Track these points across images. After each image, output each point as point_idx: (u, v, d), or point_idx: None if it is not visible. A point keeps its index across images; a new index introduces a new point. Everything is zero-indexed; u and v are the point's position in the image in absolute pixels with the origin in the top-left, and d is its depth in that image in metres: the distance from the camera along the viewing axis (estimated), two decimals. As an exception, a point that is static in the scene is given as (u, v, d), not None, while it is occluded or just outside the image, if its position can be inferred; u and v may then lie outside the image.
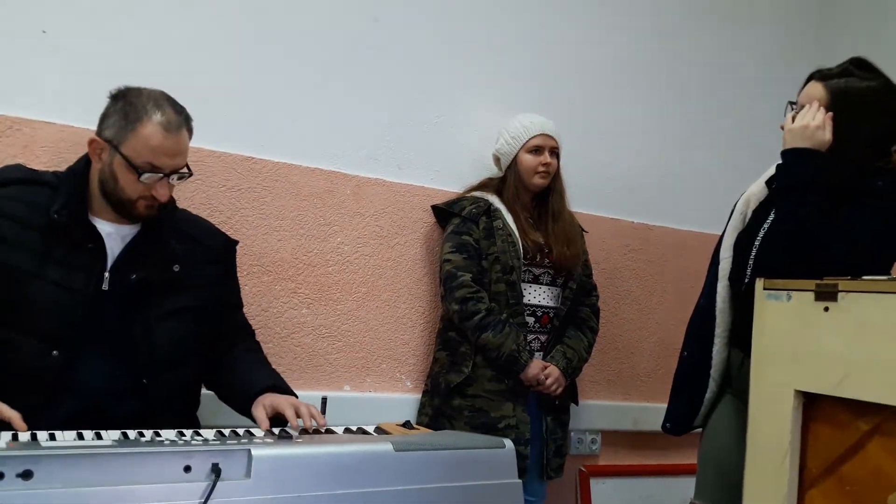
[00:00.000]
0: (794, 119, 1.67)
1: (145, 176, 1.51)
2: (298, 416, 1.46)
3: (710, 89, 2.93)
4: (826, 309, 1.33)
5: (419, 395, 2.30)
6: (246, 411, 1.58)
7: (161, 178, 1.53)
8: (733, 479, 1.62)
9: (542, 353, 2.22)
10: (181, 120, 1.55)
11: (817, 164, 1.63)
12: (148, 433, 1.32)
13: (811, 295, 1.36)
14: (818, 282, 1.35)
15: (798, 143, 1.64)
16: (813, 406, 1.36)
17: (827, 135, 1.63)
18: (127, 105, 1.52)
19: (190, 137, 1.58)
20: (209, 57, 2.06)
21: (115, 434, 1.29)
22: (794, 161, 1.65)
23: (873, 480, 1.25)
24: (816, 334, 1.34)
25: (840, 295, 1.31)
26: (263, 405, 1.52)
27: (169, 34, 2.01)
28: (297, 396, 1.59)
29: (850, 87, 1.65)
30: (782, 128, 1.71)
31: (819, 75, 1.70)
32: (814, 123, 1.63)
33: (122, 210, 1.56)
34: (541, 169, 2.22)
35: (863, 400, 1.26)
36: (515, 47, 2.54)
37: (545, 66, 2.60)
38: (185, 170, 1.58)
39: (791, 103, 1.73)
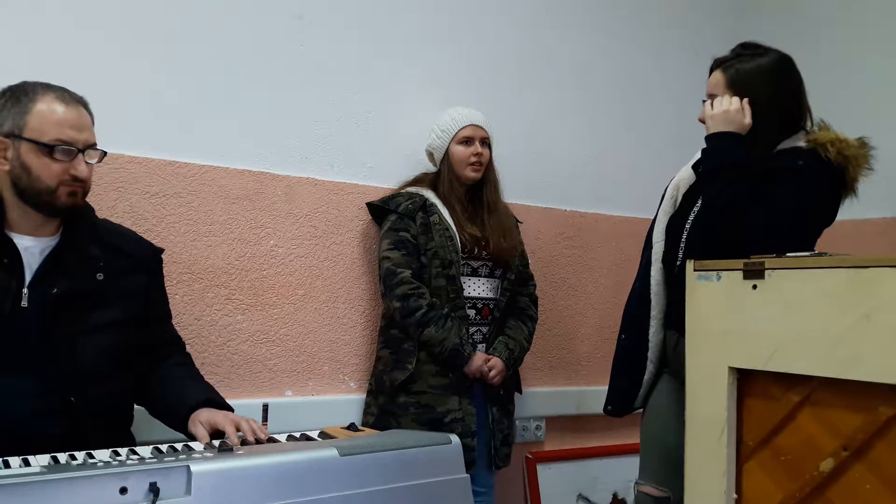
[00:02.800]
0: (712, 107, 1.73)
1: (58, 151, 1.45)
2: (239, 430, 1.42)
3: (638, 80, 2.99)
4: (754, 287, 1.37)
5: (363, 396, 2.27)
6: (181, 428, 1.53)
7: (76, 153, 1.47)
8: (674, 456, 1.66)
9: (484, 344, 2.23)
10: (75, 96, 1.51)
11: (739, 145, 1.69)
12: (80, 455, 1.26)
13: (739, 274, 1.40)
14: (746, 261, 1.40)
15: (720, 128, 1.70)
16: (746, 381, 1.40)
17: (746, 118, 1.70)
18: (16, 93, 1.47)
19: (91, 119, 1.53)
20: (124, 58, 1.98)
21: (44, 459, 1.23)
22: (717, 144, 1.71)
23: (806, 449, 1.30)
24: (746, 312, 1.39)
25: (767, 273, 1.35)
26: (200, 421, 1.47)
27: (80, 35, 1.92)
28: (233, 410, 1.55)
29: (740, 68, 1.74)
30: (701, 121, 1.77)
31: (716, 63, 1.78)
32: (732, 108, 1.70)
33: (44, 206, 1.48)
34: (472, 160, 2.23)
35: (792, 373, 1.31)
36: (446, 41, 2.54)
37: (476, 59, 2.60)
38: (97, 148, 1.52)
39: (707, 98, 1.79)
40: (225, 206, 2.11)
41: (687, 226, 1.81)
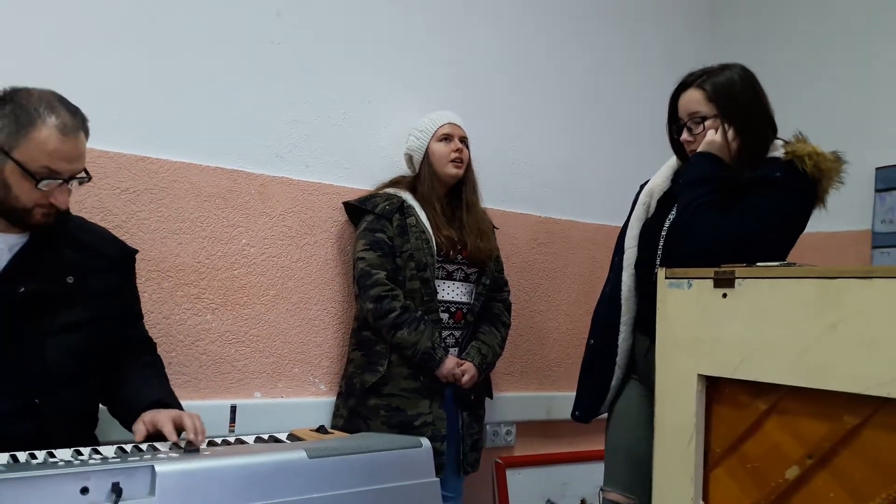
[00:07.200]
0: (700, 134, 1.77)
1: (44, 183, 1.42)
2: (183, 429, 1.39)
3: (614, 89, 3.02)
4: (724, 295, 1.39)
5: (334, 398, 2.26)
6: (130, 427, 1.50)
7: (60, 184, 1.44)
8: (641, 462, 1.67)
9: (456, 349, 2.23)
10: (77, 122, 1.45)
11: (719, 163, 1.73)
12: (41, 454, 1.23)
13: (710, 282, 1.41)
14: (716, 269, 1.41)
15: (705, 149, 1.75)
16: (715, 388, 1.42)
17: (723, 142, 1.73)
18: (16, 108, 1.41)
19: (87, 139, 1.49)
20: (98, 51, 1.95)
21: (3, 458, 1.20)
22: (700, 160, 1.75)
23: (772, 457, 1.32)
24: (716, 320, 1.40)
25: (737, 282, 1.37)
26: (144, 421, 1.44)
27: (55, 27, 1.88)
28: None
29: (715, 82, 1.76)
30: (687, 141, 1.81)
31: (685, 84, 1.81)
32: (718, 138, 1.73)
33: (14, 219, 1.46)
34: (454, 156, 2.23)
35: (760, 381, 1.33)
36: (425, 45, 2.54)
37: (455, 64, 2.60)
38: (83, 174, 1.49)
39: (688, 118, 1.80)
40: (197, 203, 2.08)
41: (663, 232, 1.83)
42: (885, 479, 1.17)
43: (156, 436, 1.42)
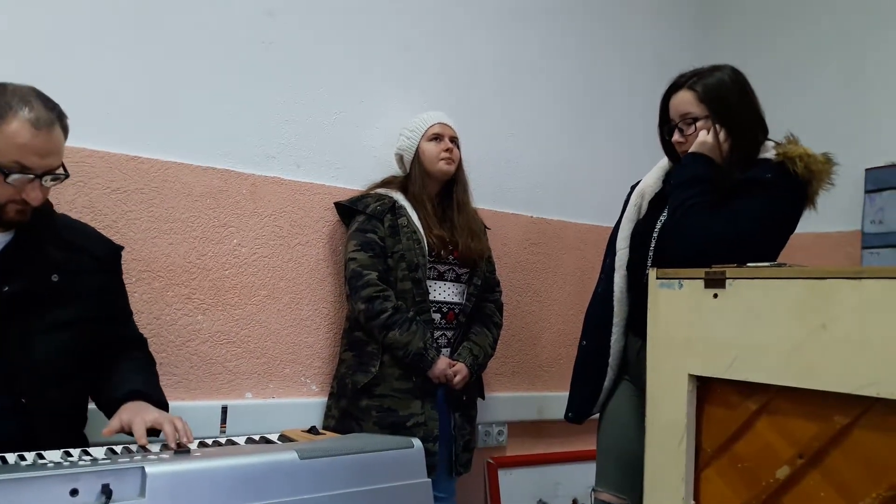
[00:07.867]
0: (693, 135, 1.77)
1: (13, 177, 1.39)
2: (156, 430, 1.37)
3: (606, 90, 3.02)
4: (715, 296, 1.39)
5: (325, 399, 2.25)
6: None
7: (31, 179, 1.42)
8: (632, 463, 1.67)
9: (448, 349, 2.23)
10: (52, 116, 1.43)
11: (710, 164, 1.73)
12: (29, 456, 1.23)
13: (701, 283, 1.41)
14: (707, 270, 1.41)
15: (697, 149, 1.75)
16: (706, 389, 1.42)
17: (715, 143, 1.73)
18: None
19: (65, 135, 1.47)
20: (89, 49, 1.94)
21: (-10, 459, 1.19)
22: (692, 161, 1.75)
23: (763, 457, 1.32)
24: (707, 320, 1.40)
25: (728, 282, 1.37)
26: (121, 418, 1.42)
27: (47, 27, 1.87)
28: (167, 406, 1.52)
29: (706, 83, 1.76)
30: (678, 142, 1.80)
31: (676, 85, 1.81)
32: (710, 139, 1.73)
33: None
34: (444, 155, 2.23)
35: (751, 381, 1.33)
36: (418, 46, 2.53)
37: (448, 65, 2.60)
38: (59, 171, 1.47)
39: (680, 119, 1.80)
40: (188, 203, 2.08)
41: (655, 233, 1.83)
42: (875, 478, 1.18)
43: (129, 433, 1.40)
